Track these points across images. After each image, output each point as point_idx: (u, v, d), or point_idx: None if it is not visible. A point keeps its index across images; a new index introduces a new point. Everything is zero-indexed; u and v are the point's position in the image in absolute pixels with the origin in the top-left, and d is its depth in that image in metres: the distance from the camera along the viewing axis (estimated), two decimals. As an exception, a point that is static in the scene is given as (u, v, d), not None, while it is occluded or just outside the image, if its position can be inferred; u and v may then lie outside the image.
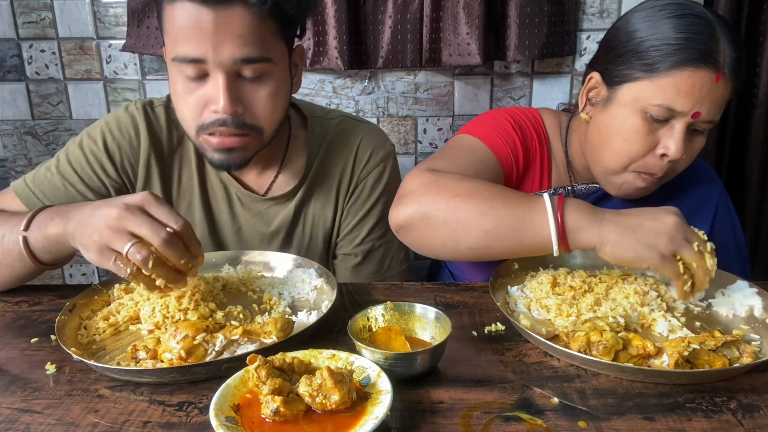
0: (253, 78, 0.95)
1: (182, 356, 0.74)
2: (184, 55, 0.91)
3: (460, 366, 0.77)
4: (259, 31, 0.92)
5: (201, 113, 0.96)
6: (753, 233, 1.83)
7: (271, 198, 1.14)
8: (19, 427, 0.66)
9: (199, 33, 0.89)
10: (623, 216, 0.84)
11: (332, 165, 1.17)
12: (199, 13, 0.88)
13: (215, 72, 0.92)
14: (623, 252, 0.81)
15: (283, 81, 1.00)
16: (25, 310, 0.95)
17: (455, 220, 0.89)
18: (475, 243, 0.89)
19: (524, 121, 1.15)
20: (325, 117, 1.20)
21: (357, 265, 1.18)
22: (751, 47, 1.72)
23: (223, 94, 0.92)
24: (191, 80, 0.94)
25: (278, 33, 0.96)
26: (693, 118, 0.95)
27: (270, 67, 0.96)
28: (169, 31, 0.93)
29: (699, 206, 1.16)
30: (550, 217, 0.84)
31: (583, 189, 1.15)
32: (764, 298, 0.88)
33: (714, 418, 0.66)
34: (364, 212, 1.17)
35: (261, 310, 0.92)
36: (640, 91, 0.97)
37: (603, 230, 0.82)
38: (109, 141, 1.09)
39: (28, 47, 1.80)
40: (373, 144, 1.18)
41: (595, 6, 1.74)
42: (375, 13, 1.69)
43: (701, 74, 0.93)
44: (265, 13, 0.91)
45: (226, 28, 0.89)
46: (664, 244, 0.80)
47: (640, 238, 0.81)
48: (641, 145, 0.99)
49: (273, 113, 0.99)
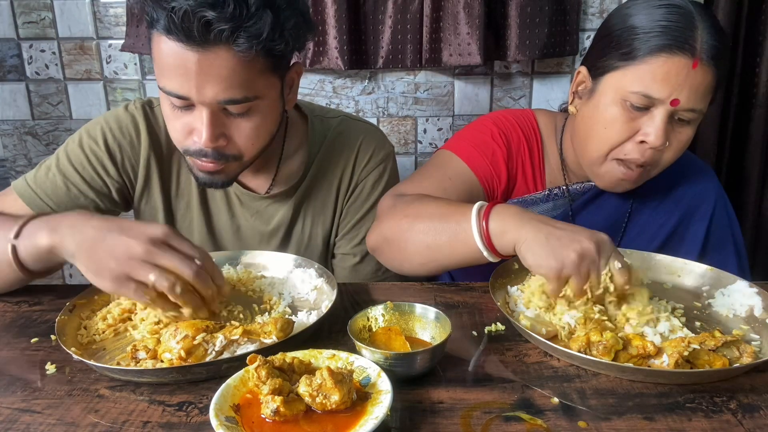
0: (239, 113, 0.94)
1: (182, 356, 0.74)
2: (169, 90, 0.91)
3: (460, 366, 0.77)
4: (244, 72, 0.90)
5: (185, 139, 0.96)
6: (753, 233, 1.83)
7: (270, 196, 1.14)
8: (19, 427, 0.66)
9: (182, 72, 0.88)
10: (550, 224, 0.84)
11: (332, 164, 1.16)
12: (183, 53, 0.87)
13: (200, 107, 0.92)
14: (530, 254, 0.82)
15: (271, 110, 0.99)
16: (25, 310, 0.95)
17: (404, 240, 0.98)
18: (421, 258, 0.97)
19: (510, 126, 1.16)
20: (325, 116, 1.20)
21: (356, 264, 1.18)
22: (751, 47, 1.72)
23: (205, 129, 0.92)
24: (178, 109, 0.94)
25: (268, 68, 0.94)
26: (672, 105, 0.95)
27: (257, 103, 0.94)
28: (157, 61, 0.92)
29: (696, 204, 1.16)
30: (474, 223, 0.88)
31: (578, 188, 1.15)
32: (764, 298, 0.88)
33: (714, 418, 0.66)
34: (363, 212, 1.17)
35: (261, 310, 0.92)
36: (619, 80, 0.99)
37: (522, 231, 0.83)
38: (110, 140, 1.09)
39: (28, 47, 1.80)
40: (374, 144, 1.18)
41: (595, 6, 1.74)
42: (375, 13, 1.69)
43: (677, 60, 0.94)
44: (252, 55, 0.88)
45: (210, 70, 0.87)
46: (571, 261, 0.79)
47: (552, 246, 0.80)
48: (621, 133, 1.00)
49: (256, 143, 0.99)
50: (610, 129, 1.00)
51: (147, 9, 0.88)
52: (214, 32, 0.84)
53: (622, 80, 0.98)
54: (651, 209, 1.17)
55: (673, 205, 1.16)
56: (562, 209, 1.15)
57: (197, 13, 0.83)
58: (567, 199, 1.16)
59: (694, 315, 0.90)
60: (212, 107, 0.91)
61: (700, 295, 0.95)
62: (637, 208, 1.17)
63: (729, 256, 1.16)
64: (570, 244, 0.80)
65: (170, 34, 0.86)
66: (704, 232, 1.15)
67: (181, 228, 1.17)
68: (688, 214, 1.16)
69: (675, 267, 1.01)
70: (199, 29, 0.84)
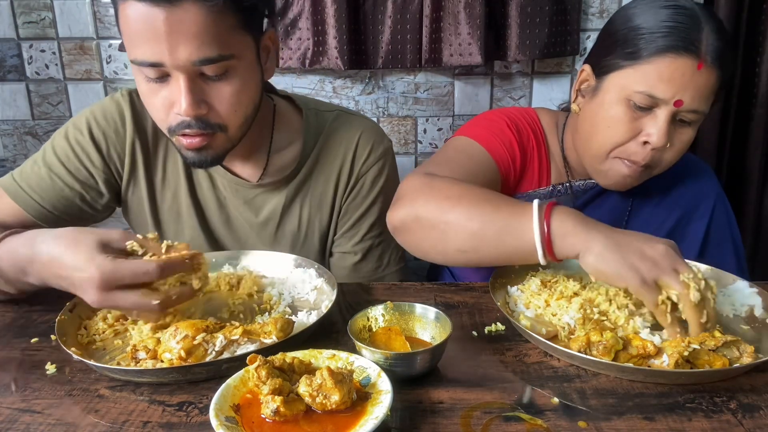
0: (216, 76, 0.91)
1: (182, 356, 0.74)
2: (141, 59, 0.87)
3: (460, 366, 0.77)
4: (216, 27, 0.87)
5: (167, 116, 0.93)
6: (753, 233, 1.83)
7: (260, 185, 1.12)
8: (19, 427, 0.66)
9: (152, 35, 0.85)
10: (615, 232, 0.81)
11: (330, 159, 1.14)
12: (150, 13, 0.84)
13: (175, 74, 0.89)
14: (605, 265, 0.78)
15: (250, 74, 0.96)
16: (26, 310, 0.94)
17: (444, 222, 0.90)
18: (462, 245, 0.89)
19: (520, 120, 1.16)
20: (321, 109, 1.17)
21: (356, 263, 1.17)
22: (751, 47, 1.72)
23: (184, 97, 0.89)
24: (153, 81, 0.91)
25: (240, 25, 0.91)
26: (675, 106, 0.95)
27: (233, 63, 0.91)
28: (125, 32, 0.89)
29: (696, 202, 1.17)
30: (535, 220, 0.82)
31: (581, 185, 1.16)
32: (764, 298, 0.88)
33: (714, 418, 0.66)
34: (363, 209, 1.16)
35: (261, 310, 0.92)
36: (623, 79, 0.99)
37: (590, 239, 0.79)
38: (94, 130, 1.07)
39: (28, 47, 1.80)
40: (372, 139, 1.16)
41: (595, 6, 1.74)
42: (375, 13, 1.69)
43: (682, 61, 0.94)
44: (220, 7, 0.86)
45: (180, 28, 0.85)
46: (648, 268, 0.76)
47: (626, 255, 0.77)
48: (624, 132, 1.00)
49: (239, 109, 0.95)
50: (614, 128, 1.00)
51: None
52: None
53: (626, 79, 0.98)
54: (651, 207, 1.17)
55: (673, 203, 1.17)
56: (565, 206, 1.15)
57: None
58: (570, 196, 1.16)
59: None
60: (188, 71, 0.88)
61: (700, 295, 0.95)
62: (638, 206, 1.17)
63: (728, 254, 1.17)
64: (642, 249, 0.77)
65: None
66: (704, 231, 1.16)
67: (168, 221, 1.14)
68: (688, 212, 1.17)
69: (675, 267, 1.01)
70: None
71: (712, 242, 1.17)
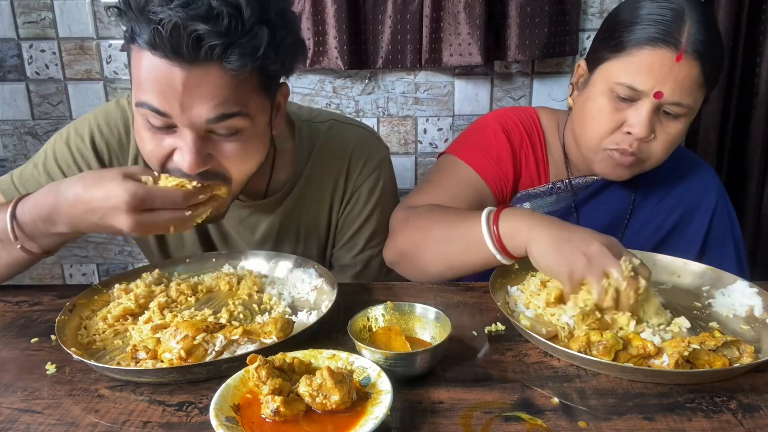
0: (225, 135, 0.86)
1: (182, 356, 0.74)
2: (150, 105, 0.81)
3: (460, 366, 0.77)
4: (236, 90, 0.82)
5: (164, 160, 0.87)
6: (753, 233, 1.83)
7: (251, 205, 1.09)
8: (19, 427, 0.66)
9: (167, 90, 0.79)
10: (560, 228, 0.85)
11: (324, 173, 1.11)
12: (168, 70, 0.78)
13: (183, 128, 0.83)
14: (543, 260, 0.84)
15: (260, 136, 0.91)
16: (26, 310, 0.95)
17: (419, 252, 1.02)
18: (438, 267, 1.00)
19: (511, 123, 1.18)
20: (313, 120, 1.13)
21: (357, 274, 1.16)
22: (751, 47, 1.72)
23: (190, 154, 0.83)
24: (156, 129, 0.85)
25: (259, 88, 0.86)
26: (656, 98, 0.97)
27: (246, 123, 0.86)
28: (135, 75, 0.83)
29: (698, 201, 1.18)
30: (484, 227, 0.90)
31: (581, 182, 1.17)
32: (764, 298, 0.88)
33: (714, 418, 0.66)
34: (361, 221, 1.14)
35: (261, 310, 0.92)
36: (608, 71, 1.02)
37: (532, 236, 0.85)
38: (96, 138, 1.05)
39: (28, 47, 1.80)
40: (366, 150, 1.13)
41: (595, 6, 1.74)
42: (375, 13, 1.69)
43: (660, 53, 0.96)
44: (245, 74, 0.81)
45: (198, 90, 0.79)
46: (581, 266, 0.80)
47: (562, 252, 0.82)
48: (608, 123, 1.03)
49: (244, 168, 0.91)
50: (598, 119, 1.03)
51: (127, 21, 0.79)
52: (205, 48, 0.76)
53: (610, 71, 1.01)
54: (653, 205, 1.18)
55: (675, 201, 1.18)
56: (565, 202, 1.17)
57: (188, 27, 0.74)
58: (570, 193, 1.17)
59: (694, 315, 0.90)
60: (198, 129, 0.83)
61: (700, 295, 0.95)
62: (640, 204, 1.18)
63: (729, 253, 1.18)
64: (579, 246, 0.81)
65: (155, 50, 0.77)
66: (705, 229, 1.17)
67: (171, 236, 1.14)
68: (690, 210, 1.18)
69: (675, 267, 1.01)
70: (189, 45, 0.75)
71: (714, 241, 1.18)
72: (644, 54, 0.97)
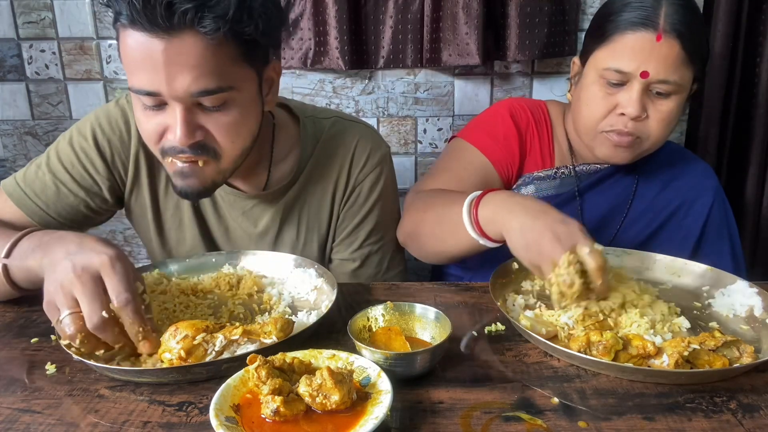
0: (214, 107, 0.89)
1: (182, 356, 0.74)
2: (139, 87, 0.87)
3: (460, 366, 0.77)
4: (215, 59, 0.85)
5: (160, 139, 0.92)
6: (753, 233, 1.83)
7: (256, 196, 1.11)
8: (19, 427, 0.66)
9: (150, 65, 0.84)
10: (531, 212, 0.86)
11: (327, 168, 1.14)
12: (149, 43, 0.83)
13: (172, 103, 0.87)
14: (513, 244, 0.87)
15: (249, 106, 0.94)
16: (26, 310, 0.94)
17: (418, 233, 1.09)
18: (434, 248, 1.07)
19: (519, 109, 1.24)
20: (318, 116, 1.17)
21: (355, 269, 1.17)
22: (751, 47, 1.72)
23: (180, 126, 0.87)
24: (150, 109, 0.90)
25: (241, 57, 0.89)
26: (642, 77, 1.03)
27: (233, 95, 0.90)
28: (125, 60, 0.88)
29: (696, 196, 1.21)
30: (464, 212, 0.93)
31: (585, 169, 1.22)
32: (764, 298, 0.88)
33: (714, 418, 0.66)
34: (361, 216, 1.15)
35: (261, 310, 0.92)
36: (596, 61, 1.09)
37: (506, 223, 0.88)
38: (99, 137, 1.06)
39: (28, 47, 1.80)
40: (369, 146, 1.15)
41: (595, 6, 1.74)
42: (375, 13, 1.69)
43: (641, 35, 1.03)
44: (221, 39, 0.84)
45: (178, 59, 0.83)
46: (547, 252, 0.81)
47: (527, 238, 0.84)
48: (601, 107, 1.08)
49: (236, 140, 0.94)
50: (593, 104, 1.09)
51: (110, 3, 0.85)
52: (177, 14, 0.81)
53: (598, 60, 1.08)
54: (652, 196, 1.22)
55: (673, 194, 1.22)
56: (569, 188, 1.21)
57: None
58: (573, 178, 1.21)
59: (694, 315, 0.90)
60: (185, 101, 0.87)
61: (700, 295, 0.95)
62: (640, 194, 1.23)
63: (724, 251, 1.21)
64: (544, 233, 0.83)
65: (134, 24, 0.82)
66: (701, 226, 1.21)
67: (170, 228, 1.15)
68: (686, 204, 1.22)
69: (675, 267, 1.01)
70: (162, 13, 0.80)
71: (709, 238, 1.21)
72: (627, 38, 1.04)
